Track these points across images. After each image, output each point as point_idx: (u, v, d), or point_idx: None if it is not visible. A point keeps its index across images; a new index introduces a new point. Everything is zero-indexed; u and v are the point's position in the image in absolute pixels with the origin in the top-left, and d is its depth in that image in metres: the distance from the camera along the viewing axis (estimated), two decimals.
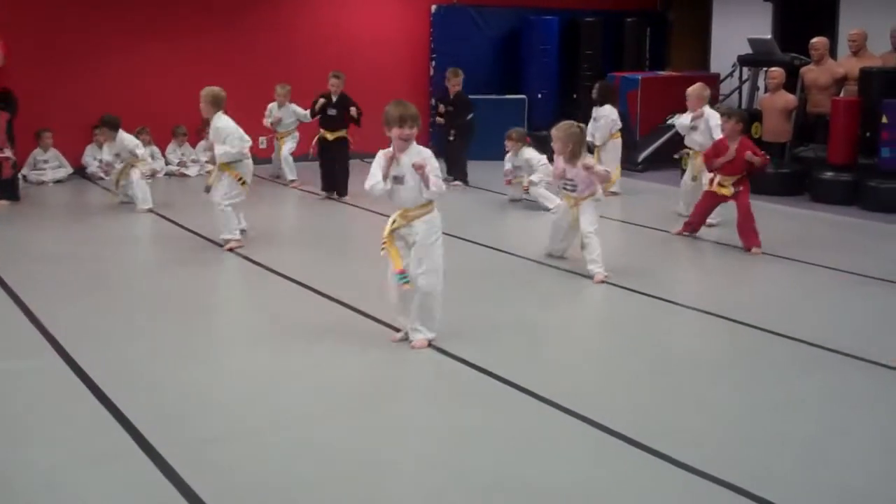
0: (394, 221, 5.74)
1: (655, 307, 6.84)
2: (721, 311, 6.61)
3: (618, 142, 11.07)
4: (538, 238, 8.51)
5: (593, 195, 7.62)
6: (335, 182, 10.92)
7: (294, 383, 5.26)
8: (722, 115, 8.82)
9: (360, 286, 7.04)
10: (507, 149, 10.87)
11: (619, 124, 11.05)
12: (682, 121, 9.83)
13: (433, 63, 14.47)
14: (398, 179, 5.69)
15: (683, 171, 10.24)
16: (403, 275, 5.68)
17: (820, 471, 4.26)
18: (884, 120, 10.42)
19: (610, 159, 10.80)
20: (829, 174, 10.91)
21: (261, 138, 12.95)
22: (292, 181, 11.75)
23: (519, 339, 6.04)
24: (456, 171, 11.97)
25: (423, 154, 5.66)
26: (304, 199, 11.14)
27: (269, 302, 6.98)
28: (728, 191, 8.49)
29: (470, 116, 12.01)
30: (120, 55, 12.37)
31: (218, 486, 3.99)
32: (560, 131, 7.61)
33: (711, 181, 8.68)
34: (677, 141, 12.76)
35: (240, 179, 8.22)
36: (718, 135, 9.17)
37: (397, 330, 5.96)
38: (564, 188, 7.77)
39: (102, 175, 11.88)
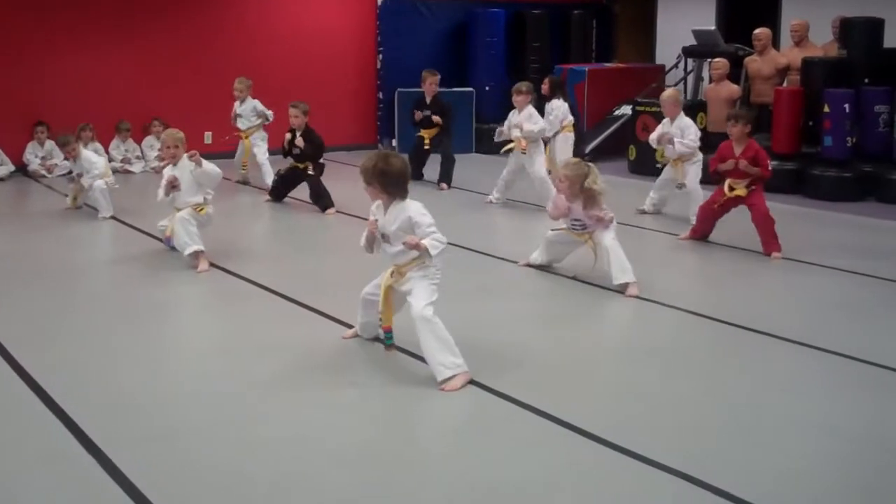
0: (391, 275, 5.32)
1: (639, 306, 6.88)
2: (678, 302, 6.67)
3: (570, 135, 10.97)
4: (513, 240, 8.49)
5: (609, 225, 7.03)
6: (316, 199, 9.99)
7: (242, 380, 5.20)
8: (729, 118, 8.26)
9: (324, 289, 6.96)
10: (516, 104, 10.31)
11: (570, 117, 11.02)
12: (651, 136, 9.57)
13: (380, 56, 14.42)
14: (385, 238, 5.27)
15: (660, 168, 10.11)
16: (389, 334, 5.35)
17: (762, 455, 4.31)
18: (826, 109, 10.58)
19: (561, 151, 10.77)
20: (773, 163, 10.99)
21: (206, 133, 12.85)
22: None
23: (503, 345, 5.91)
24: (443, 175, 11.45)
25: (409, 214, 5.14)
26: (273, 205, 10.50)
27: (221, 301, 6.89)
28: (742, 192, 8.02)
29: (437, 121, 11.55)
30: (60, 50, 12.15)
31: (165, 485, 3.94)
32: (569, 170, 6.97)
33: (721, 190, 8.17)
34: (624, 132, 12.93)
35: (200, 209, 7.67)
36: (692, 136, 9.13)
37: (351, 327, 5.89)
38: (572, 227, 7.17)
39: (45, 173, 11.70)
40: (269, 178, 10.77)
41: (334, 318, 6.17)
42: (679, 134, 9.18)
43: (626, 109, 13.13)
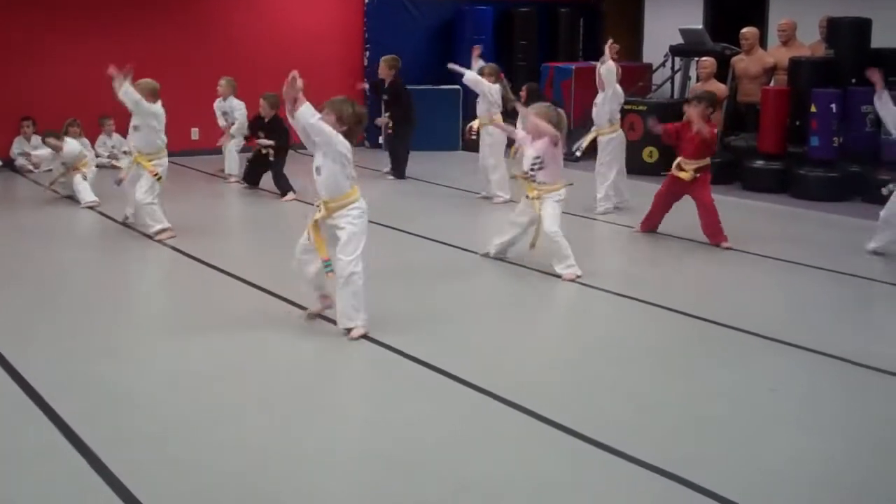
0: (318, 210, 5.72)
1: (596, 297, 6.88)
2: (660, 300, 6.66)
3: None
4: (480, 232, 8.51)
5: (557, 190, 7.22)
6: (276, 183, 10.46)
7: (227, 377, 5.18)
8: (690, 99, 8.46)
9: (285, 275, 6.95)
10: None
11: None
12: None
13: (367, 54, 14.39)
14: (317, 171, 5.69)
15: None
16: (328, 263, 5.66)
17: (745, 454, 4.32)
18: (813, 109, 10.60)
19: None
20: (759, 163, 11.07)
21: (193, 129, 12.81)
22: (230, 175, 11.36)
23: (456, 331, 6.01)
24: (394, 164, 11.70)
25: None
26: (241, 193, 10.92)
27: (201, 295, 6.86)
28: (687, 175, 8.14)
29: (407, 105, 11.72)
30: (47, 46, 12.10)
31: (152, 483, 3.92)
32: (539, 110, 7.20)
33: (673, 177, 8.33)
34: None
35: (156, 176, 8.10)
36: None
37: (332, 321, 5.89)
38: (530, 171, 7.25)
39: (31, 168, 11.63)
40: (234, 168, 11.34)
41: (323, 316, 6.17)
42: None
43: None
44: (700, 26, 13.36)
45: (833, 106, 10.53)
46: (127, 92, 7.84)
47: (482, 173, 10.40)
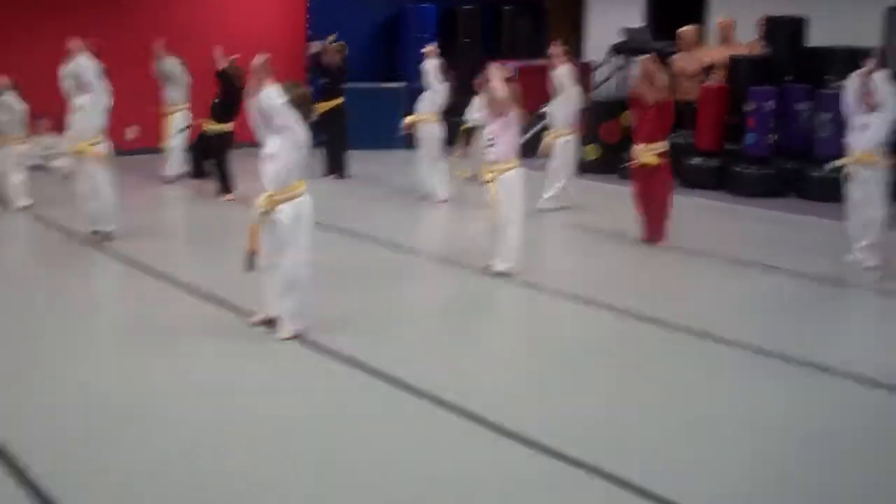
0: (260, 205, 5.62)
1: (534, 297, 6.90)
2: (600, 298, 6.71)
3: None
4: (424, 231, 8.48)
5: (509, 169, 7.13)
6: (218, 176, 10.21)
7: (159, 382, 5.13)
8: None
9: (230, 281, 6.89)
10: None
11: None
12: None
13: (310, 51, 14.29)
14: (269, 158, 5.61)
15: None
16: (253, 257, 5.61)
17: (691, 454, 4.35)
18: (749, 106, 10.71)
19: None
20: (697, 160, 11.17)
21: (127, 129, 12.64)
22: (177, 174, 11.14)
23: (399, 332, 6.00)
24: (333, 164, 11.58)
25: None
26: (189, 196, 10.62)
27: (138, 300, 6.79)
28: (652, 159, 8.10)
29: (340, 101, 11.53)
30: None
31: (78, 491, 3.87)
32: (487, 95, 7.30)
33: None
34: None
35: (102, 159, 7.97)
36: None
37: (272, 323, 5.85)
38: (486, 147, 7.25)
39: None
40: (175, 165, 11.06)
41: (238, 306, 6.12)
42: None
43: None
44: (641, 24, 13.44)
45: (769, 103, 10.65)
46: (88, 60, 7.85)
47: (419, 172, 10.36)
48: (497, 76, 7.09)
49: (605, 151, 11.73)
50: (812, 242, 8.54)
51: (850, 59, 10.94)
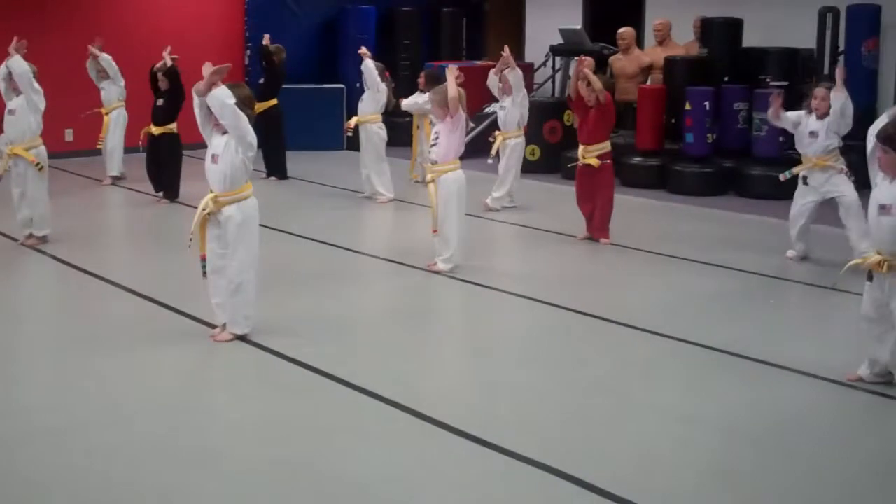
0: (205, 206, 5.52)
1: (476, 294, 6.91)
2: (540, 296, 6.75)
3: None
4: (368, 232, 8.44)
5: (450, 171, 7.13)
6: (162, 183, 9.98)
7: (102, 383, 5.05)
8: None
9: (170, 281, 6.83)
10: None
11: None
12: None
13: (248, 53, 14.17)
14: (214, 159, 5.51)
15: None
16: (204, 263, 5.52)
17: (618, 443, 4.39)
18: (687, 107, 10.85)
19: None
20: (637, 159, 11.28)
21: (67, 130, 12.43)
22: (112, 177, 10.95)
23: (344, 333, 5.96)
24: (271, 166, 11.40)
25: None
26: (129, 198, 10.39)
27: (77, 302, 6.68)
28: (594, 161, 8.14)
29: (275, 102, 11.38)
30: None
31: (17, 489, 3.79)
32: (436, 94, 7.22)
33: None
34: (494, 130, 13.00)
35: (37, 165, 7.80)
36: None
37: (214, 326, 5.78)
38: (431, 146, 7.25)
39: None
40: (115, 166, 10.87)
41: (201, 319, 6.04)
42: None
43: (496, 107, 13.17)
44: (579, 26, 13.56)
45: (707, 104, 10.80)
46: (20, 63, 7.65)
47: (363, 173, 10.33)
48: (451, 77, 7.09)
49: (547, 151, 11.80)
50: (752, 239, 8.68)
51: (785, 59, 11.24)
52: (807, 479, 4.12)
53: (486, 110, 13.66)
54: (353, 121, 10.30)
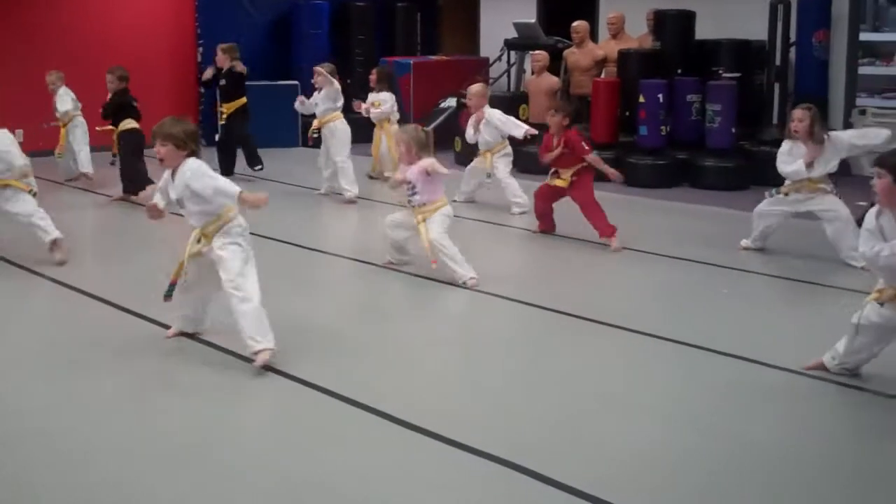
0: (197, 241, 5.22)
1: (434, 290, 6.89)
2: (503, 292, 6.73)
3: (395, 128, 10.82)
4: (334, 231, 8.34)
5: (440, 209, 6.96)
6: (130, 178, 9.71)
7: (55, 390, 4.96)
8: (549, 109, 8.41)
9: (138, 290, 6.71)
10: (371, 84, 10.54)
11: (397, 115, 10.98)
12: (468, 132, 9.63)
13: (200, 50, 14.02)
14: (179, 203, 5.23)
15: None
16: (172, 288, 5.28)
17: (588, 440, 4.38)
18: (641, 99, 10.90)
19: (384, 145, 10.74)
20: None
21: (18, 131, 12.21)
22: (84, 173, 10.68)
23: (312, 335, 5.85)
24: (252, 158, 11.21)
25: (191, 175, 5.10)
26: (98, 200, 10.10)
27: (49, 312, 6.51)
28: (564, 182, 8.10)
29: (244, 101, 11.24)
30: None
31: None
32: (407, 133, 6.98)
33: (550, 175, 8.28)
34: (450, 125, 13.00)
35: (30, 191, 7.34)
36: (508, 129, 9.27)
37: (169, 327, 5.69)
38: (407, 197, 7.00)
39: None
40: (87, 167, 10.59)
41: (155, 320, 5.95)
42: (485, 126, 9.38)
43: (451, 102, 13.19)
44: (533, 20, 13.57)
45: (660, 96, 10.86)
46: None
47: (323, 170, 10.24)
48: (407, 140, 6.89)
49: (465, 144, 11.73)
50: (706, 230, 8.72)
51: (737, 50, 11.33)
52: (784, 471, 4.11)
53: (442, 105, 13.66)
54: (316, 123, 10.16)
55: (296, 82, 14.10)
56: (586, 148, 8.17)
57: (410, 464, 4.12)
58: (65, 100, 10.73)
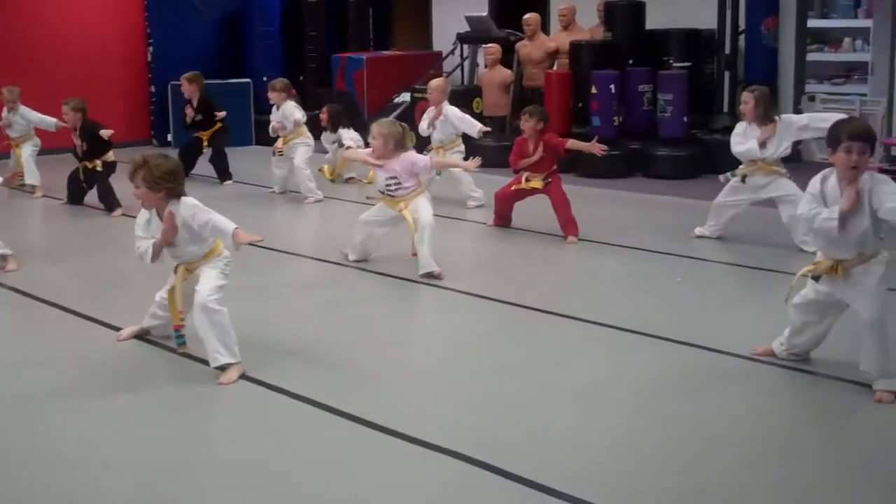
0: (182, 278, 5.15)
1: (387, 284, 6.89)
2: (451, 283, 6.75)
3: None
4: (302, 232, 8.29)
5: (420, 193, 6.99)
6: (103, 199, 9.42)
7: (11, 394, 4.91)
8: (522, 113, 8.34)
9: (103, 293, 6.66)
10: (271, 101, 10.24)
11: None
12: (421, 126, 9.59)
13: (150, 49, 13.90)
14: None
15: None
16: (180, 333, 5.20)
17: (533, 427, 4.41)
18: (593, 90, 10.96)
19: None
20: None
21: None
22: (34, 188, 10.36)
23: (277, 336, 5.79)
24: (224, 173, 11.02)
25: (188, 213, 4.99)
26: (51, 209, 9.89)
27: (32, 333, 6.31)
28: (539, 184, 8.07)
29: (222, 116, 11.00)
30: None
31: None
32: (383, 127, 6.90)
33: (518, 179, 8.24)
34: (404, 119, 12.95)
35: None
36: (464, 128, 9.26)
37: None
38: (388, 191, 6.96)
39: None
40: (32, 177, 10.29)
41: (109, 323, 5.88)
42: (442, 122, 9.36)
43: (405, 97, 13.17)
44: (485, 13, 13.58)
45: (612, 87, 10.93)
46: None
47: (278, 173, 10.19)
48: (385, 134, 6.86)
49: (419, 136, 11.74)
50: (661, 219, 8.79)
51: (687, 40, 11.42)
52: (720, 453, 4.17)
53: (396, 100, 13.63)
54: (280, 143, 10.00)
55: (248, 80, 14.04)
56: (563, 140, 8.23)
57: (374, 464, 4.11)
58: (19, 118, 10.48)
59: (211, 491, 3.91)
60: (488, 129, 9.23)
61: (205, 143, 11.03)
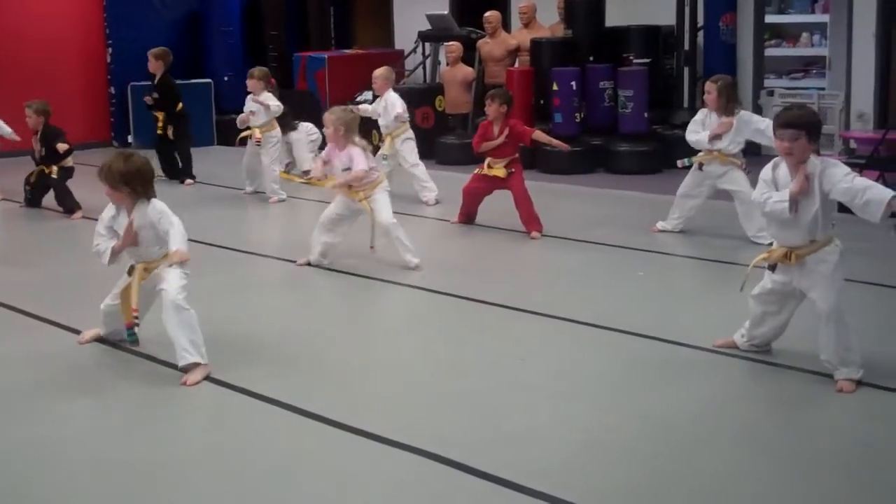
0: (138, 275, 5.09)
1: (348, 282, 6.88)
2: (414, 280, 6.77)
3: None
4: (266, 231, 8.26)
5: (379, 184, 6.99)
6: (60, 201, 9.31)
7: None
8: (486, 97, 8.28)
9: (61, 296, 6.57)
10: (248, 89, 9.97)
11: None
12: (367, 107, 9.63)
13: (110, 50, 13.77)
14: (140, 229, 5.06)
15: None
16: (132, 331, 5.13)
17: (497, 422, 4.43)
18: (555, 87, 11.01)
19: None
20: None
21: None
22: None
23: (241, 336, 5.75)
24: (186, 169, 10.93)
25: (155, 217, 5.01)
26: (9, 211, 9.72)
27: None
28: (501, 172, 8.03)
29: (179, 106, 10.88)
30: None
31: None
32: (334, 114, 6.90)
33: (481, 166, 8.24)
34: (366, 118, 12.95)
35: None
36: (395, 111, 9.24)
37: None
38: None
39: None
40: None
41: (68, 326, 5.83)
42: (384, 109, 9.36)
43: (368, 95, 13.12)
44: (446, 11, 13.59)
45: (573, 83, 10.98)
46: None
47: (247, 171, 10.12)
48: (337, 121, 6.87)
49: (421, 138, 11.77)
50: (622, 214, 8.85)
51: (647, 36, 11.50)
52: (684, 445, 4.21)
53: (358, 99, 13.60)
54: (257, 133, 9.78)
55: (209, 80, 13.95)
56: (530, 130, 8.28)
57: (340, 462, 4.11)
58: None
59: (174, 492, 3.89)
60: (406, 115, 9.25)
61: (166, 133, 10.78)
